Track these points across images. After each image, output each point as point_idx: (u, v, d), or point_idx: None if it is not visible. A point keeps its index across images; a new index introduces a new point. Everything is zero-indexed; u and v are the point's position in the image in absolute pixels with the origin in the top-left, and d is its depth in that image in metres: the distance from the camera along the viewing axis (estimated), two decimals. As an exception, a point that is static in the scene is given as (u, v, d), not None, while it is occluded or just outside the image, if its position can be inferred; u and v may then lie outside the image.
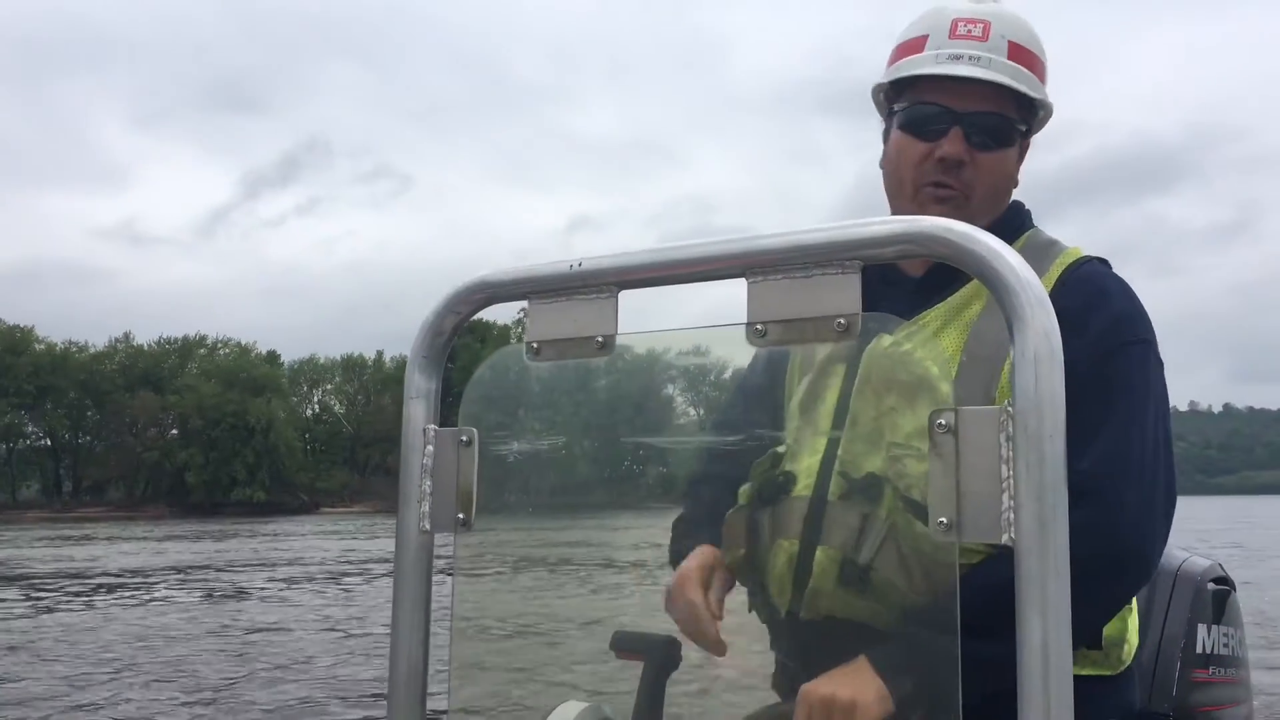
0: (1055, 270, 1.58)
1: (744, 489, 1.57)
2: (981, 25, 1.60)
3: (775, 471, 1.54)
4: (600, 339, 1.00)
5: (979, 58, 1.57)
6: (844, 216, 1.80)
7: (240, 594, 17.86)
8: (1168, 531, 1.51)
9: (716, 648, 1.47)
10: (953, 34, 1.60)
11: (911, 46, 1.65)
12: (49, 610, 15.58)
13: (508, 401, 1.22)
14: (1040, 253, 1.61)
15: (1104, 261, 1.62)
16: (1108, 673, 1.60)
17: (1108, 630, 1.58)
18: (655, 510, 1.66)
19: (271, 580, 20.45)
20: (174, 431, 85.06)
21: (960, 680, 0.93)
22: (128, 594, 17.94)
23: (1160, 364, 1.56)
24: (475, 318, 1.09)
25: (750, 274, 0.92)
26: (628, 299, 1.00)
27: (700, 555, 1.54)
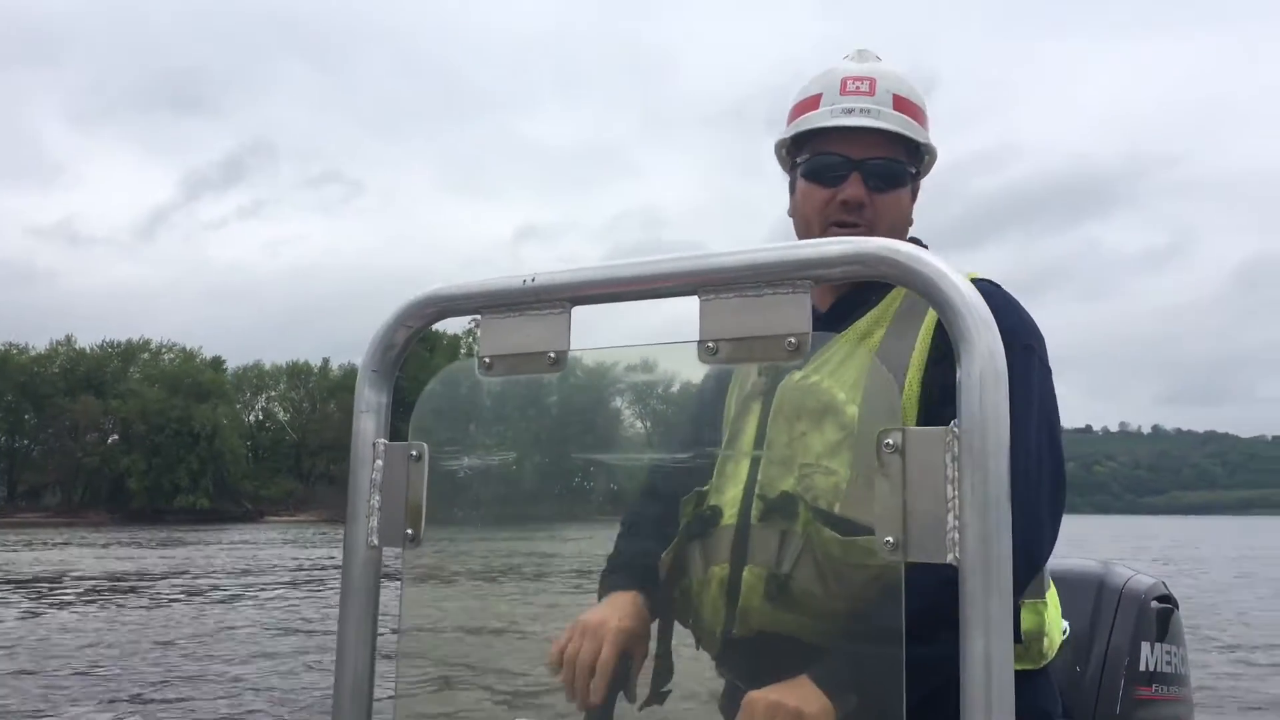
0: None
1: (677, 527, 1.65)
2: (868, 82, 1.78)
3: (702, 507, 1.63)
4: (552, 354, 1.00)
5: (869, 110, 1.75)
6: (791, 233, 1.83)
7: (183, 602, 17.55)
8: (1055, 531, 1.57)
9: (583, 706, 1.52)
10: (843, 91, 1.78)
11: (807, 105, 1.82)
12: (-18, 619, 15.20)
13: (458, 416, 1.21)
14: None
15: (993, 283, 1.72)
16: (1030, 667, 1.66)
17: (1026, 624, 1.65)
18: (605, 525, 1.68)
19: (216, 589, 20.13)
20: (114, 437, 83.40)
21: (904, 691, 0.94)
22: (70, 599, 17.57)
23: (1047, 370, 1.64)
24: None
25: (702, 292, 0.93)
26: (579, 311, 1.00)
27: (625, 608, 1.58)
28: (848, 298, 1.73)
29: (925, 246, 1.81)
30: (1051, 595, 1.74)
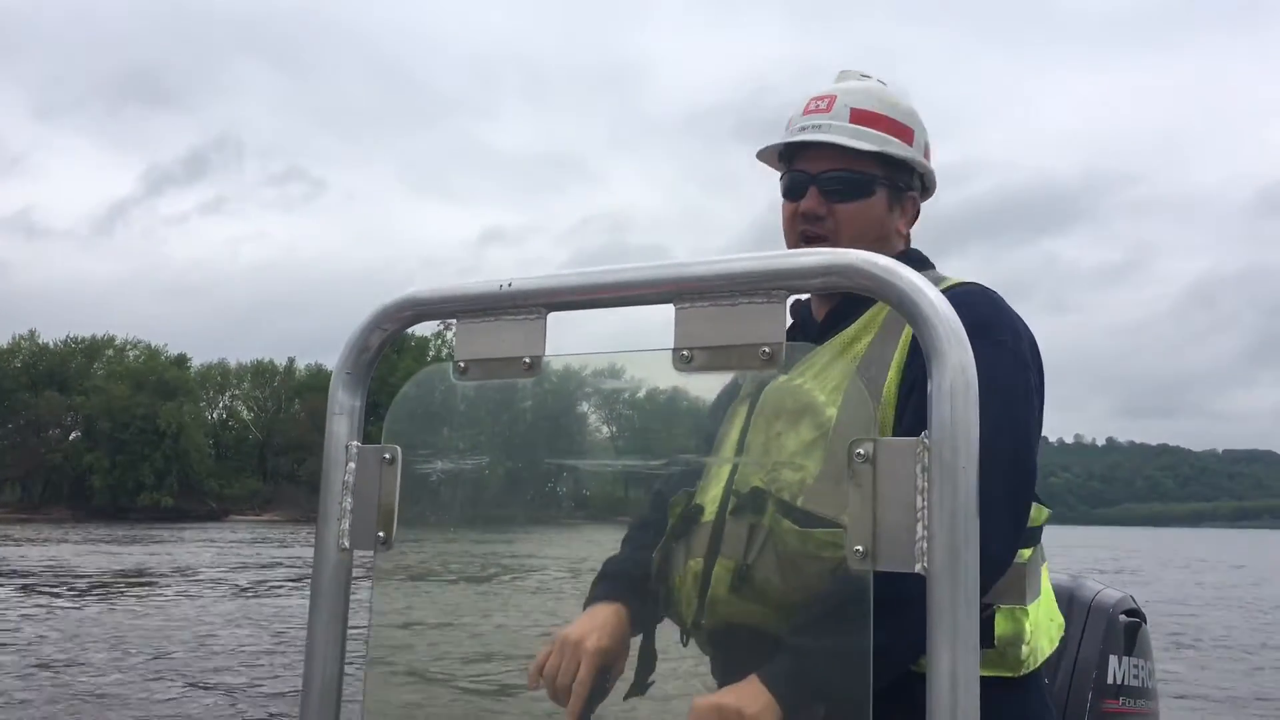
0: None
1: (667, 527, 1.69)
2: (828, 99, 1.84)
3: (689, 506, 1.66)
4: (528, 360, 1.01)
5: (820, 125, 1.81)
6: (754, 242, 1.88)
7: (150, 599, 17.36)
8: (1016, 529, 1.56)
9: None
10: (805, 111, 1.86)
11: (785, 127, 1.90)
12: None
13: (432, 420, 1.21)
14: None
15: (981, 286, 1.74)
16: (1007, 674, 1.62)
17: (1000, 628, 1.61)
18: (576, 530, 1.68)
19: (189, 587, 19.94)
20: (75, 434, 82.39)
21: (871, 689, 0.95)
22: (40, 595, 17.34)
23: (1023, 365, 1.64)
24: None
25: (678, 300, 0.94)
26: (555, 317, 1.01)
27: (605, 624, 1.61)
28: (841, 306, 1.77)
29: (925, 257, 1.87)
30: (1040, 605, 1.69)
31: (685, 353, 0.93)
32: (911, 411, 1.55)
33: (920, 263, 1.87)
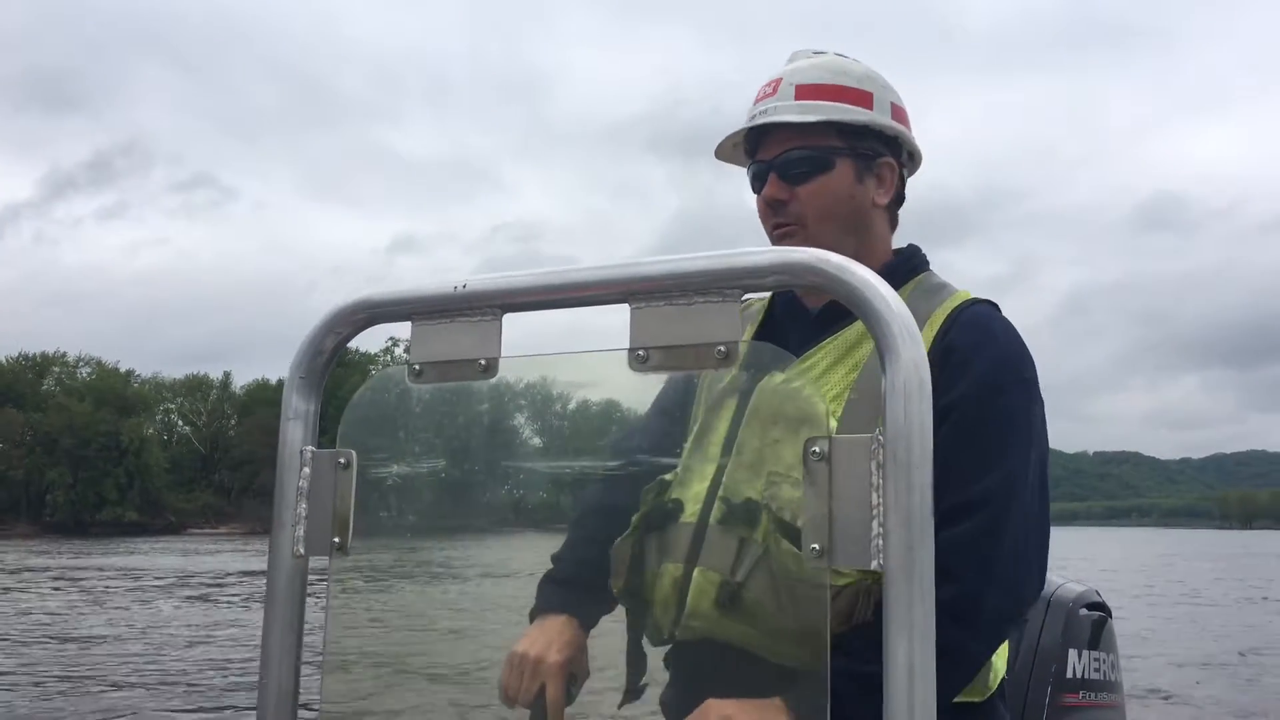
0: (945, 309, 1.65)
1: (635, 516, 1.62)
2: (774, 83, 1.77)
3: (664, 498, 1.60)
4: (483, 362, 1.00)
5: (768, 109, 1.74)
6: (660, 249, 1.86)
7: (108, 607, 17.12)
8: (1044, 563, 1.57)
9: None
10: (755, 100, 1.79)
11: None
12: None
13: (388, 423, 1.20)
14: (931, 294, 1.70)
15: (993, 304, 1.70)
16: (975, 699, 1.63)
17: None
18: (535, 535, 1.67)
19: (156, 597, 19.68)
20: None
21: (829, 705, 0.95)
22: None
23: (1041, 403, 1.63)
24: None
25: (633, 300, 0.93)
26: (511, 319, 1.00)
27: (560, 635, 1.58)
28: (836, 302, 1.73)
29: (924, 256, 1.80)
30: None
31: (641, 353, 0.93)
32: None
33: (916, 261, 1.79)
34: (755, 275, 0.90)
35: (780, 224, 1.74)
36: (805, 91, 1.73)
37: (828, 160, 1.72)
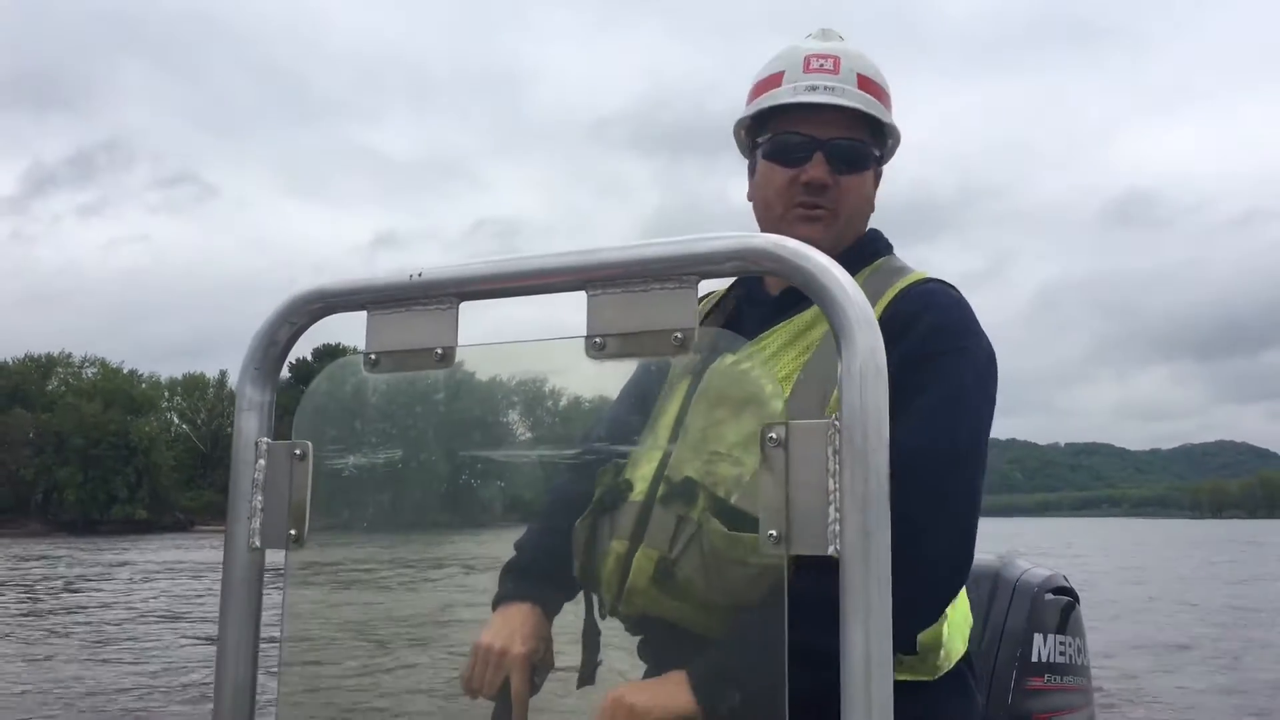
0: (897, 287, 1.64)
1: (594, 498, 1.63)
2: (832, 60, 1.71)
3: (617, 479, 1.60)
4: (440, 351, 0.99)
5: (833, 88, 1.68)
6: None
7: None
8: (974, 528, 1.55)
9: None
10: (807, 69, 1.71)
11: (769, 83, 1.74)
12: None
13: (344, 414, 1.19)
14: (889, 275, 1.69)
15: (948, 284, 1.69)
16: (925, 678, 1.63)
17: (922, 636, 1.60)
18: (493, 526, 1.66)
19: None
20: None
21: (787, 690, 0.95)
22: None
23: (983, 373, 1.61)
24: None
25: (590, 287, 0.93)
26: (467, 309, 0.99)
27: (524, 625, 1.58)
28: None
29: (886, 240, 1.78)
30: (957, 606, 1.69)
31: (598, 340, 0.92)
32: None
33: (879, 244, 1.78)
34: (713, 261, 0.89)
35: (816, 205, 1.68)
36: (865, 83, 1.71)
37: (868, 159, 1.72)
